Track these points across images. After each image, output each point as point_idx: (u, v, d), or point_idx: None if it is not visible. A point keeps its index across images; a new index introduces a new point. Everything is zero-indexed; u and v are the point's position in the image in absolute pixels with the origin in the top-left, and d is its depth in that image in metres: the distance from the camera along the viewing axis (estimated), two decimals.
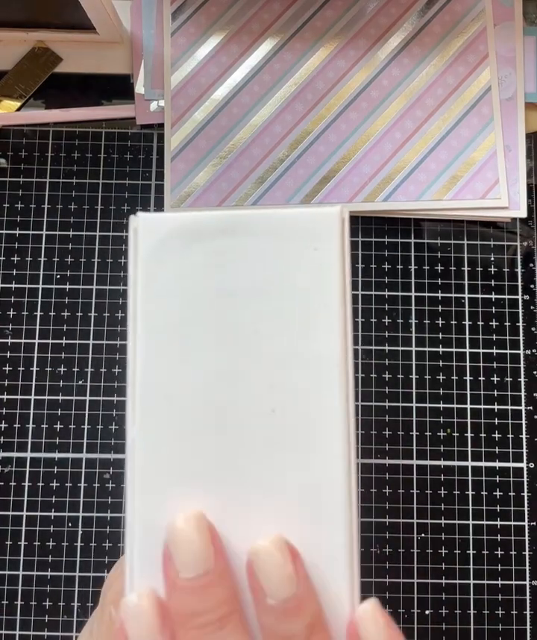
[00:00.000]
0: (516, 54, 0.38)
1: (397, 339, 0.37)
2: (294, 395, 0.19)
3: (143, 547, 0.18)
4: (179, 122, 0.37)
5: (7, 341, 0.36)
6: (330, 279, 0.19)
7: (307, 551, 0.18)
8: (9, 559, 0.35)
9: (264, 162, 0.37)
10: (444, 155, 0.37)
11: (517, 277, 0.37)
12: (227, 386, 0.19)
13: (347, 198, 0.37)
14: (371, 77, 0.38)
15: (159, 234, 0.20)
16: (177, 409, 0.19)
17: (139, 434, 0.19)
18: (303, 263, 0.19)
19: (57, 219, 0.37)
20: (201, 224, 0.20)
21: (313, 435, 0.19)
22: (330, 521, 0.18)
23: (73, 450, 0.35)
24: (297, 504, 0.18)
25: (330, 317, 0.19)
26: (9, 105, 0.38)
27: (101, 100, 0.38)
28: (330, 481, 0.18)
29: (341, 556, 0.18)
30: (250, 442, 0.19)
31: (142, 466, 0.19)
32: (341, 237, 0.20)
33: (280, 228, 0.20)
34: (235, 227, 0.20)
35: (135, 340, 0.19)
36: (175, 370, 0.19)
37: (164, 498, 0.19)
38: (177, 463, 0.19)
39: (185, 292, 0.19)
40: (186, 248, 0.19)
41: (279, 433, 0.19)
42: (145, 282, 0.19)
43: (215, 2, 0.38)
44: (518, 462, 0.36)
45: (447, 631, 0.34)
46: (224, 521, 0.18)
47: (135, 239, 0.20)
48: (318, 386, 0.19)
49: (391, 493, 0.35)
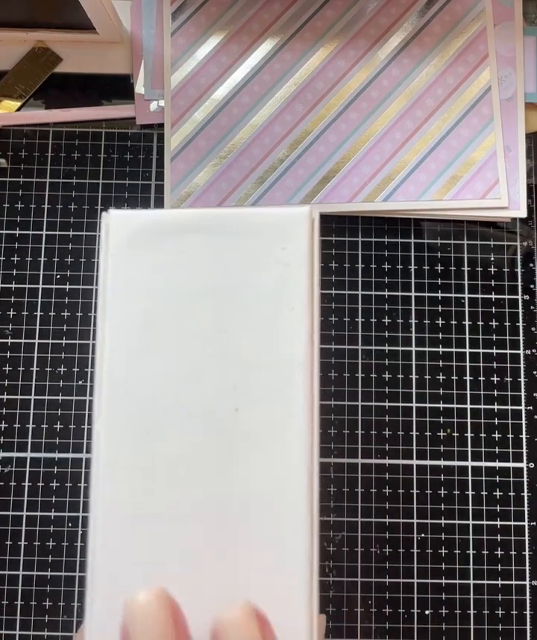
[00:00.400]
0: (516, 54, 0.38)
1: (397, 339, 0.37)
2: (258, 395, 0.19)
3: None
4: (179, 122, 0.37)
5: (7, 341, 0.36)
6: (297, 279, 0.19)
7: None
8: (9, 559, 0.35)
9: (264, 162, 0.37)
10: (444, 155, 0.37)
11: (517, 277, 0.37)
12: (192, 384, 0.19)
13: (347, 198, 0.37)
14: (371, 77, 0.38)
15: (129, 231, 0.20)
16: (142, 405, 0.19)
17: (103, 427, 0.19)
18: (271, 263, 0.19)
19: (57, 219, 0.37)
20: (171, 221, 0.20)
21: (276, 436, 0.19)
22: (293, 523, 0.18)
23: (73, 450, 0.35)
24: (260, 506, 0.18)
25: (296, 318, 0.19)
26: (9, 105, 0.38)
27: (101, 100, 0.38)
28: (291, 482, 0.19)
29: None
30: (213, 441, 0.19)
31: (105, 460, 0.19)
32: (310, 237, 0.20)
33: (249, 227, 0.20)
34: (204, 225, 0.20)
35: (103, 334, 0.19)
36: (141, 366, 0.19)
37: (126, 491, 0.19)
38: (138, 458, 0.19)
39: (153, 289, 0.19)
40: (156, 244, 0.20)
41: (242, 433, 0.19)
42: (113, 278, 0.20)
43: (215, 2, 0.38)
44: (518, 462, 0.36)
45: (447, 631, 0.34)
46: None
47: (106, 236, 0.20)
48: (282, 386, 0.19)
49: (391, 493, 0.35)
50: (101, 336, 0.19)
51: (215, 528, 0.18)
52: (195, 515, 0.19)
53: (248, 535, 0.18)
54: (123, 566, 0.18)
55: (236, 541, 0.18)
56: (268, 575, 0.18)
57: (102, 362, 0.19)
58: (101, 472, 0.19)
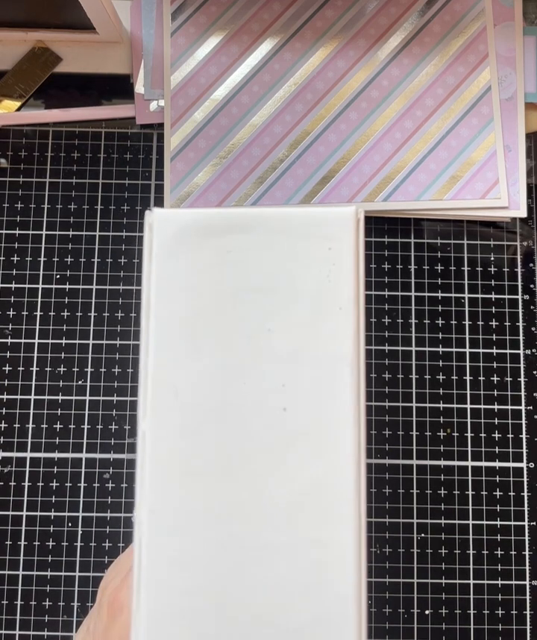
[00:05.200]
0: (516, 54, 0.38)
1: (397, 339, 0.37)
2: (305, 395, 0.19)
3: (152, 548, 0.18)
4: (179, 122, 0.37)
5: (7, 341, 0.36)
6: (344, 279, 0.19)
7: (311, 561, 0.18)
8: (9, 559, 0.35)
9: (264, 162, 0.37)
10: (444, 155, 0.37)
11: (517, 277, 0.37)
12: (239, 383, 0.19)
13: (347, 198, 0.37)
14: (371, 77, 0.38)
15: (173, 230, 0.20)
16: (188, 405, 0.19)
17: (149, 427, 0.19)
18: (317, 263, 0.19)
19: (57, 219, 0.37)
20: (216, 220, 0.20)
21: (324, 436, 0.19)
22: (340, 520, 0.18)
23: (73, 450, 0.35)
24: (306, 502, 0.18)
25: (343, 317, 0.19)
26: (9, 105, 0.38)
27: (101, 100, 0.38)
28: (339, 482, 0.18)
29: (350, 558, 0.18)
30: (260, 440, 0.19)
31: (152, 460, 0.19)
32: (356, 237, 0.20)
33: (294, 227, 0.20)
34: (249, 224, 0.20)
35: (148, 334, 0.19)
36: (187, 365, 0.19)
37: (173, 491, 0.19)
38: (186, 458, 0.19)
39: (198, 288, 0.19)
40: (200, 244, 0.20)
41: (289, 432, 0.19)
42: (158, 277, 0.19)
43: (215, 2, 0.38)
44: (518, 462, 0.36)
45: (447, 631, 0.34)
46: (226, 522, 0.18)
47: (150, 235, 0.20)
48: (330, 386, 0.19)
49: (391, 493, 0.35)
50: (145, 336, 0.19)
51: (261, 528, 0.18)
52: (242, 515, 0.18)
53: (295, 536, 0.18)
54: (169, 565, 0.18)
55: (282, 541, 0.18)
56: (313, 576, 0.18)
57: (147, 362, 0.19)
58: (147, 472, 0.19)
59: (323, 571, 0.18)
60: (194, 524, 0.18)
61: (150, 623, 0.18)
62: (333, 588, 0.18)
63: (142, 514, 0.18)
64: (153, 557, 0.18)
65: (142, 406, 0.19)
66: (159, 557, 0.18)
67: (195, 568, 0.18)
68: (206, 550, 0.18)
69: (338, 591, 0.18)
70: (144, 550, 0.18)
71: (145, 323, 0.19)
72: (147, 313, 0.19)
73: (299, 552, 0.18)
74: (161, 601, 0.18)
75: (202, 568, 0.18)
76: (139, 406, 0.19)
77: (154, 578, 0.18)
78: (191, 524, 0.18)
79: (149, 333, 0.19)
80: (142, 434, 0.19)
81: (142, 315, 0.19)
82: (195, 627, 0.18)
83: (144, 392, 0.19)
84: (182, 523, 0.18)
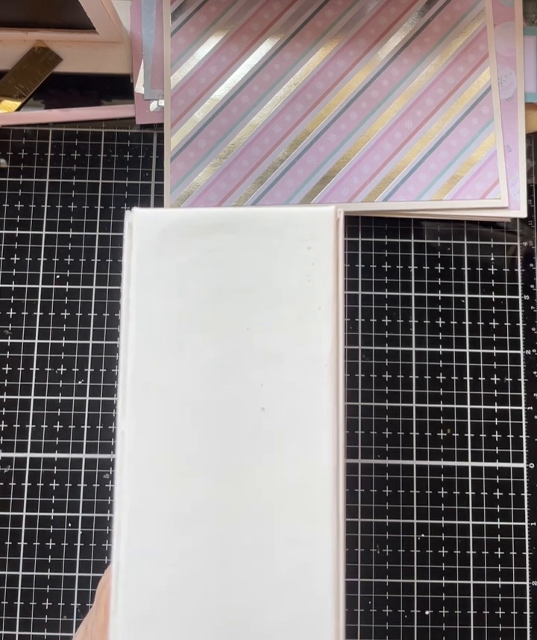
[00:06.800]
0: (516, 54, 0.38)
1: (397, 339, 0.37)
2: (284, 394, 0.19)
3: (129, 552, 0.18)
4: (179, 122, 0.37)
5: (7, 341, 0.36)
6: (323, 278, 0.19)
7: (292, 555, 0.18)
8: (9, 560, 0.35)
9: (264, 162, 0.37)
10: (444, 155, 0.37)
11: (517, 277, 0.37)
12: (218, 383, 0.19)
13: (347, 198, 0.37)
14: (371, 77, 0.38)
15: (154, 230, 0.20)
16: (167, 404, 0.19)
17: (128, 427, 0.19)
18: (297, 262, 0.19)
19: (57, 219, 0.37)
20: (196, 220, 0.20)
21: (302, 436, 0.19)
22: (320, 520, 0.18)
23: (73, 450, 0.35)
24: (284, 501, 0.18)
25: (322, 317, 0.19)
26: (9, 105, 0.38)
27: (101, 100, 0.38)
28: (317, 482, 0.19)
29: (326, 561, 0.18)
30: (238, 440, 0.19)
31: (131, 460, 0.19)
32: (335, 237, 0.20)
33: (274, 226, 0.20)
34: (230, 224, 0.20)
35: (127, 334, 0.19)
36: (166, 365, 0.19)
37: (151, 492, 0.19)
38: (164, 459, 0.19)
39: (178, 288, 0.19)
40: (181, 243, 0.20)
41: (267, 432, 0.19)
42: (138, 277, 0.19)
43: (215, 2, 0.38)
44: (518, 463, 0.36)
45: (447, 631, 0.34)
46: (209, 521, 0.18)
47: (130, 234, 0.20)
48: (308, 386, 0.19)
49: (391, 493, 0.35)
50: (125, 335, 0.19)
51: (239, 527, 0.18)
52: (221, 514, 0.18)
53: (273, 535, 0.18)
54: (148, 566, 0.18)
55: (261, 541, 0.18)
56: (292, 576, 0.18)
57: (126, 362, 0.19)
58: (126, 472, 0.19)
59: (302, 570, 0.18)
60: (172, 524, 0.18)
61: (129, 623, 0.18)
62: (311, 588, 0.18)
63: (121, 514, 0.18)
64: (131, 558, 0.18)
65: (121, 405, 0.19)
66: (137, 558, 0.18)
67: (174, 568, 0.18)
68: (184, 551, 0.18)
69: (317, 591, 0.18)
70: (122, 551, 0.18)
71: (125, 322, 0.19)
72: (126, 312, 0.19)
73: (278, 552, 0.18)
74: (139, 602, 0.18)
75: (181, 568, 0.18)
76: (117, 406, 0.19)
77: (132, 579, 0.18)
78: (169, 524, 0.18)
79: (128, 332, 0.19)
80: (120, 434, 0.19)
81: (121, 314, 0.19)
82: (173, 628, 0.18)
83: (123, 392, 0.19)
84: (161, 523, 0.19)
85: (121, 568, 0.18)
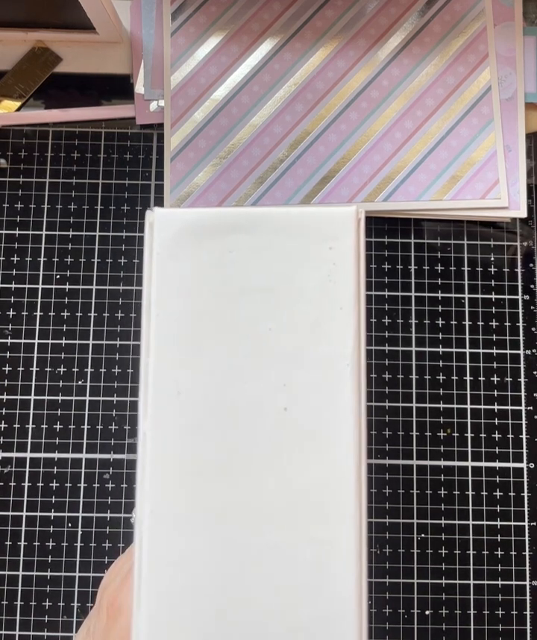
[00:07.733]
0: (516, 54, 0.38)
1: (397, 339, 0.37)
2: (306, 394, 0.19)
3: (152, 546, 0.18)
4: (179, 122, 0.37)
5: (7, 341, 0.36)
6: (344, 278, 0.19)
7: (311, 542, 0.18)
8: (9, 560, 0.35)
9: (264, 162, 0.37)
10: (444, 155, 0.37)
11: (517, 277, 0.37)
12: (240, 383, 0.19)
13: (347, 198, 0.37)
14: (371, 77, 0.38)
15: (174, 229, 0.20)
16: (189, 405, 0.19)
17: (150, 428, 0.19)
18: (318, 262, 0.19)
19: (57, 219, 0.37)
20: (217, 220, 0.20)
21: (324, 436, 0.19)
22: (342, 520, 0.18)
23: (73, 450, 0.35)
24: (308, 505, 0.18)
25: (344, 317, 0.19)
26: (9, 105, 0.38)
27: (101, 100, 0.38)
28: (339, 481, 0.18)
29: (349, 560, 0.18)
30: (260, 440, 0.19)
31: (153, 460, 0.19)
32: (357, 237, 0.20)
33: (294, 226, 0.20)
34: (250, 224, 0.20)
35: (149, 334, 0.19)
36: (188, 365, 0.19)
37: (173, 492, 0.19)
38: (186, 458, 0.19)
39: (199, 288, 0.19)
40: (201, 243, 0.19)
41: (290, 432, 0.19)
42: (159, 276, 0.19)
43: (215, 2, 0.38)
44: (518, 462, 0.36)
45: (447, 631, 0.34)
46: (229, 522, 0.18)
47: (150, 234, 0.20)
48: (330, 385, 0.19)
49: (391, 493, 0.35)
50: (146, 335, 0.19)
51: (262, 528, 0.18)
52: (243, 515, 0.18)
53: (295, 536, 0.18)
54: (170, 565, 0.18)
55: (283, 541, 0.18)
56: (314, 576, 0.18)
57: (148, 362, 0.19)
58: (148, 473, 0.19)
59: (324, 571, 0.18)
60: (194, 524, 0.18)
61: (151, 622, 0.18)
62: (333, 588, 0.18)
63: (142, 514, 0.18)
64: (153, 557, 0.18)
65: (143, 406, 0.19)
66: (159, 557, 0.18)
67: (196, 568, 0.18)
68: (206, 550, 0.18)
69: (339, 591, 0.18)
70: (145, 550, 0.18)
71: (146, 323, 0.19)
72: (148, 313, 0.19)
73: (299, 552, 0.18)
74: (162, 601, 0.18)
75: (202, 567, 0.18)
76: (139, 407, 0.19)
77: (154, 578, 0.18)
78: (191, 524, 0.18)
79: (150, 333, 0.19)
80: (142, 434, 0.19)
81: (142, 314, 0.19)
82: (196, 627, 0.18)
83: (145, 392, 0.19)
84: (182, 523, 0.18)
85: (143, 566, 0.18)
